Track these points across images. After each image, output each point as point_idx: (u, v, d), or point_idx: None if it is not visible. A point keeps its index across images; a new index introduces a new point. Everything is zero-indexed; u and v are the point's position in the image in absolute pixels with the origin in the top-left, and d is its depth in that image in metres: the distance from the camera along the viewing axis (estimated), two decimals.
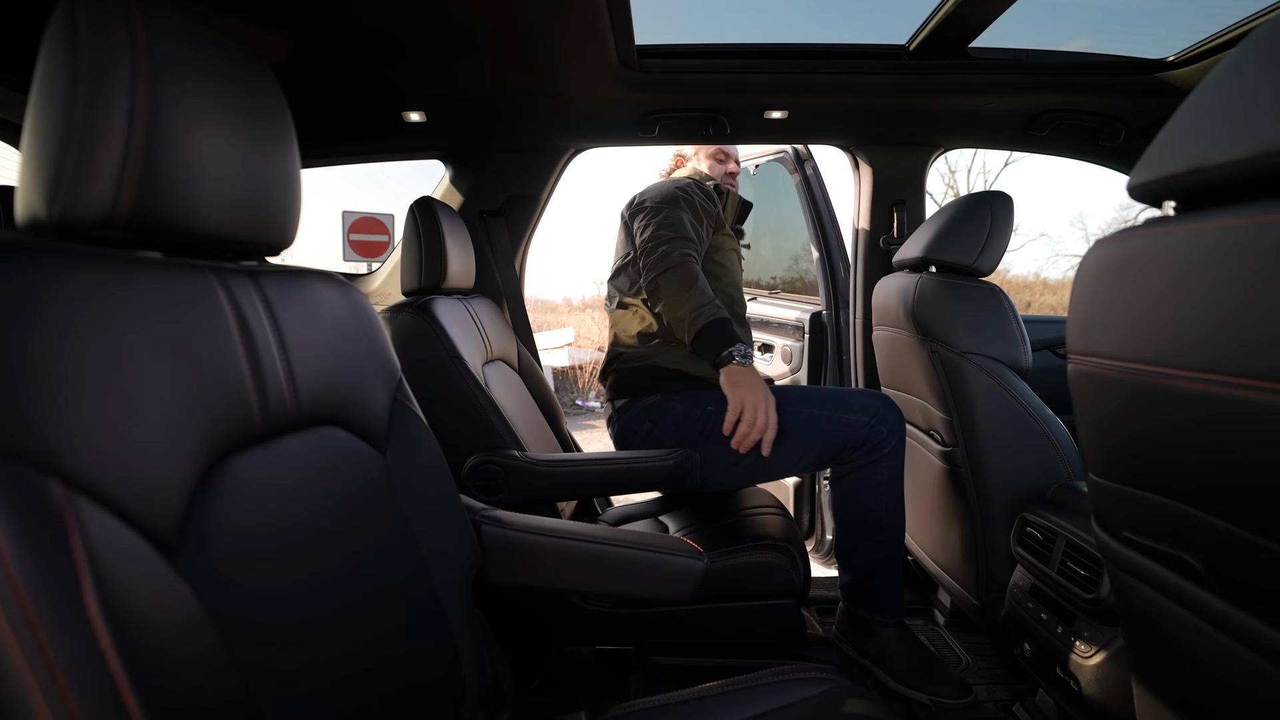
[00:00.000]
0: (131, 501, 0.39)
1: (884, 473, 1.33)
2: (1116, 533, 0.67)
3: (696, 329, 1.32)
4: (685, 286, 1.36)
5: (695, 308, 1.34)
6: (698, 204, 1.52)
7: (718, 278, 1.57)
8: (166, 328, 0.47)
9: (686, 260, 1.39)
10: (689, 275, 1.37)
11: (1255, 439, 0.44)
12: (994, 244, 1.38)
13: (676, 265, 1.37)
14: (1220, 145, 0.47)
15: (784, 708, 0.73)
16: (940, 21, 1.26)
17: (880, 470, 1.32)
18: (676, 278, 1.37)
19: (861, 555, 1.39)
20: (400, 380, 0.76)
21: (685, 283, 1.36)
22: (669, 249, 1.39)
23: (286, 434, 0.58)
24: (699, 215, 1.51)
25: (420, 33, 1.18)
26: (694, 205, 1.51)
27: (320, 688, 0.52)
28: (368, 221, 5.83)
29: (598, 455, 1.33)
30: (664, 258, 1.39)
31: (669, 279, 1.37)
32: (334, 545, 0.59)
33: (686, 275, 1.37)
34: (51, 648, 0.32)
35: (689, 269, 1.38)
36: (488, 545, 0.85)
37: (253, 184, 0.57)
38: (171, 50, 0.49)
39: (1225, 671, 0.55)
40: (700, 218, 1.51)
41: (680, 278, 1.37)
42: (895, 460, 1.32)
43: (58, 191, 0.45)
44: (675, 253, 1.39)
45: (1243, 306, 0.44)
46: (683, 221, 1.46)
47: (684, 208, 1.49)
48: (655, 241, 1.42)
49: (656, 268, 1.39)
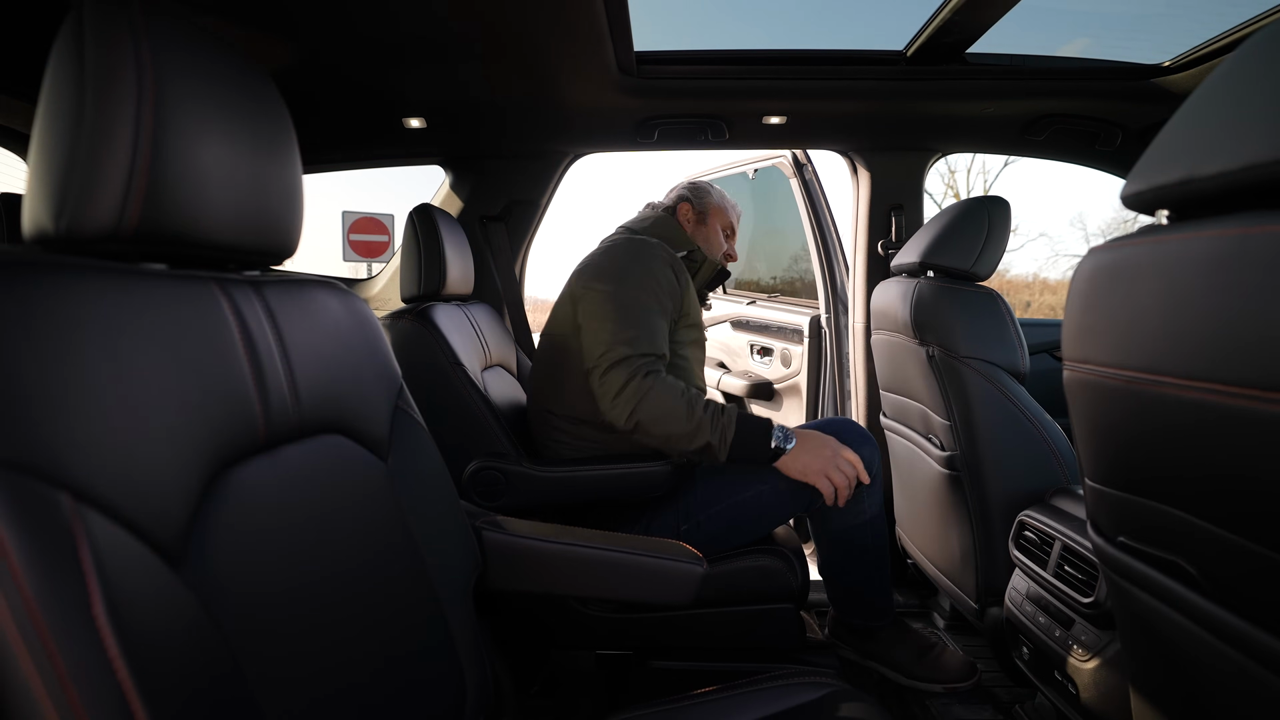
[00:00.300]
0: (138, 512, 0.40)
1: (868, 503, 1.32)
2: (1112, 538, 0.67)
3: (730, 446, 1.18)
4: (678, 411, 1.16)
5: (707, 428, 1.17)
6: (665, 293, 1.28)
7: (683, 372, 1.34)
8: (171, 339, 0.47)
9: (656, 376, 1.18)
10: (670, 394, 1.17)
11: (1248, 447, 0.45)
12: (991, 248, 1.39)
13: (648, 392, 1.17)
14: (1212, 156, 0.48)
15: (783, 712, 0.74)
16: (937, 28, 1.27)
17: (864, 502, 1.31)
18: (659, 404, 1.16)
19: (851, 575, 1.39)
20: (401, 387, 0.77)
21: (675, 408, 1.16)
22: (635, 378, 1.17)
23: (289, 442, 0.58)
24: (664, 308, 1.28)
25: (420, 39, 1.19)
26: (661, 295, 1.27)
27: (323, 693, 0.53)
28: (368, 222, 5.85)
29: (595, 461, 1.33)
30: (634, 392, 1.16)
31: (650, 409, 1.16)
32: (337, 552, 0.60)
33: (667, 396, 1.17)
34: (61, 657, 0.33)
35: (664, 387, 1.18)
36: (488, 550, 0.86)
37: (256, 194, 0.57)
38: (175, 63, 0.50)
39: (1220, 676, 0.56)
40: (665, 313, 1.28)
41: (661, 402, 1.17)
42: (875, 487, 1.32)
43: (64, 205, 0.45)
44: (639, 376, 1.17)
45: (1234, 315, 0.44)
46: (651, 324, 1.22)
47: (651, 298, 1.24)
48: (612, 363, 1.18)
49: (628, 403, 1.17)
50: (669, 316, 1.29)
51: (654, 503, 1.29)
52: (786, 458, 1.21)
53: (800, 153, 2.20)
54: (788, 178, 2.27)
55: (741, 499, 1.25)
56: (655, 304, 1.25)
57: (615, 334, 1.20)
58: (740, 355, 2.73)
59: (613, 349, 1.19)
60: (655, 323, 1.24)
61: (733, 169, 2.79)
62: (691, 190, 1.54)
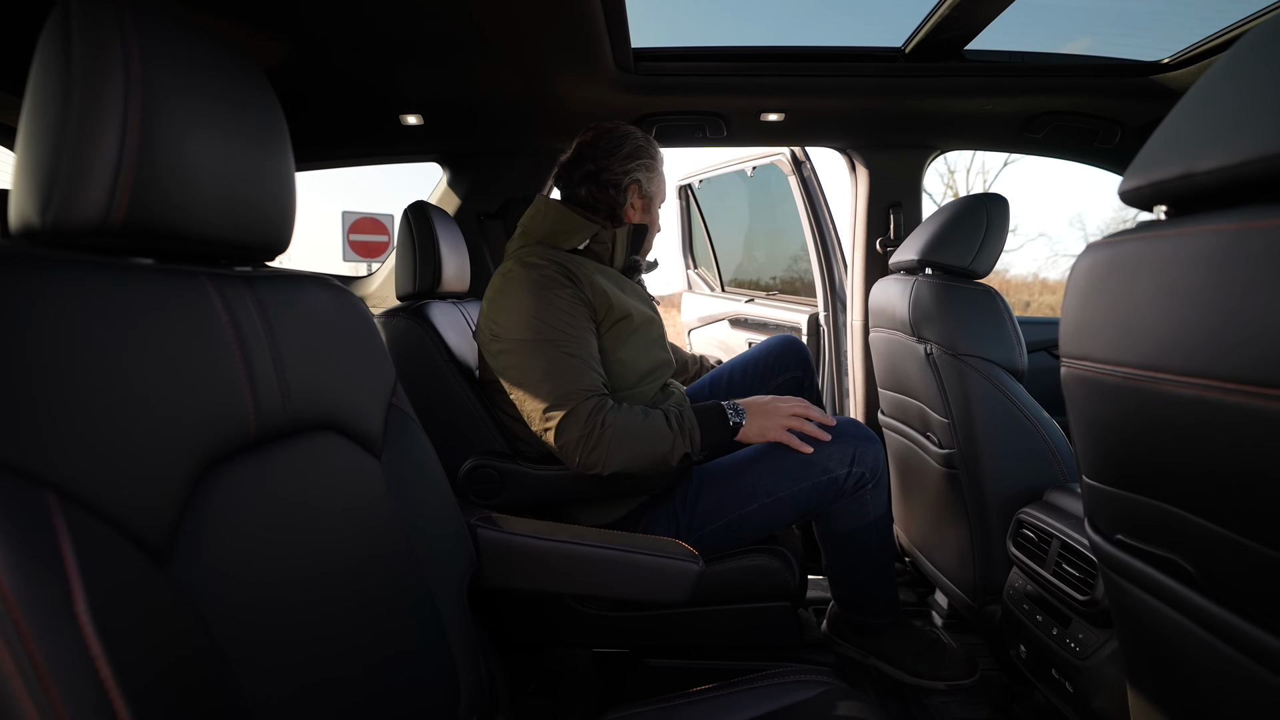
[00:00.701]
0: (123, 510, 0.39)
1: (872, 504, 1.28)
2: (1109, 535, 0.67)
3: (698, 444, 1.17)
4: (649, 438, 1.13)
5: (681, 438, 1.15)
6: (570, 315, 1.17)
7: (618, 378, 1.24)
8: (160, 334, 0.47)
9: (609, 415, 1.12)
10: (632, 426, 1.12)
11: (1245, 443, 0.45)
12: (990, 246, 1.39)
13: (608, 436, 1.11)
14: (1210, 150, 0.47)
15: (780, 710, 0.74)
16: (936, 24, 1.27)
17: (867, 504, 1.28)
18: (628, 443, 1.11)
19: (856, 576, 1.37)
20: (395, 384, 0.76)
21: (644, 438, 1.12)
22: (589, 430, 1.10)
23: (281, 439, 0.58)
24: (577, 330, 1.17)
25: (418, 36, 1.18)
26: (569, 320, 1.16)
27: (314, 693, 0.52)
28: (367, 222, 5.84)
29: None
30: (594, 443, 1.10)
31: (621, 450, 1.11)
32: (328, 550, 0.59)
33: (631, 430, 1.12)
34: (42, 656, 0.32)
35: (624, 422, 1.12)
36: (483, 549, 0.85)
37: (247, 189, 0.57)
38: (164, 57, 0.49)
39: (1217, 674, 0.55)
40: (581, 334, 1.17)
41: (630, 439, 1.11)
42: (880, 489, 1.28)
43: (51, 199, 0.45)
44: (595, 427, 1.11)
45: (1232, 311, 0.44)
46: (572, 362, 1.14)
47: (558, 333, 1.14)
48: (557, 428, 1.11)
49: (597, 455, 1.11)
50: (588, 334, 1.20)
51: (651, 518, 1.27)
52: (745, 429, 1.21)
53: (798, 150, 2.19)
54: (786, 175, 2.27)
55: (745, 513, 1.23)
56: (568, 332, 1.15)
57: (545, 389, 1.13)
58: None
59: (551, 409, 1.12)
60: (578, 355, 1.15)
61: (730, 166, 2.79)
62: (643, 167, 1.33)
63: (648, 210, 1.38)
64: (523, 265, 1.20)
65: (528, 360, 1.15)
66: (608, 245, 1.32)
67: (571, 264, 1.21)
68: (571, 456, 1.13)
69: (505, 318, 1.18)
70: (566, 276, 1.19)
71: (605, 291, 1.23)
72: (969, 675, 1.37)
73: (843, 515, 1.29)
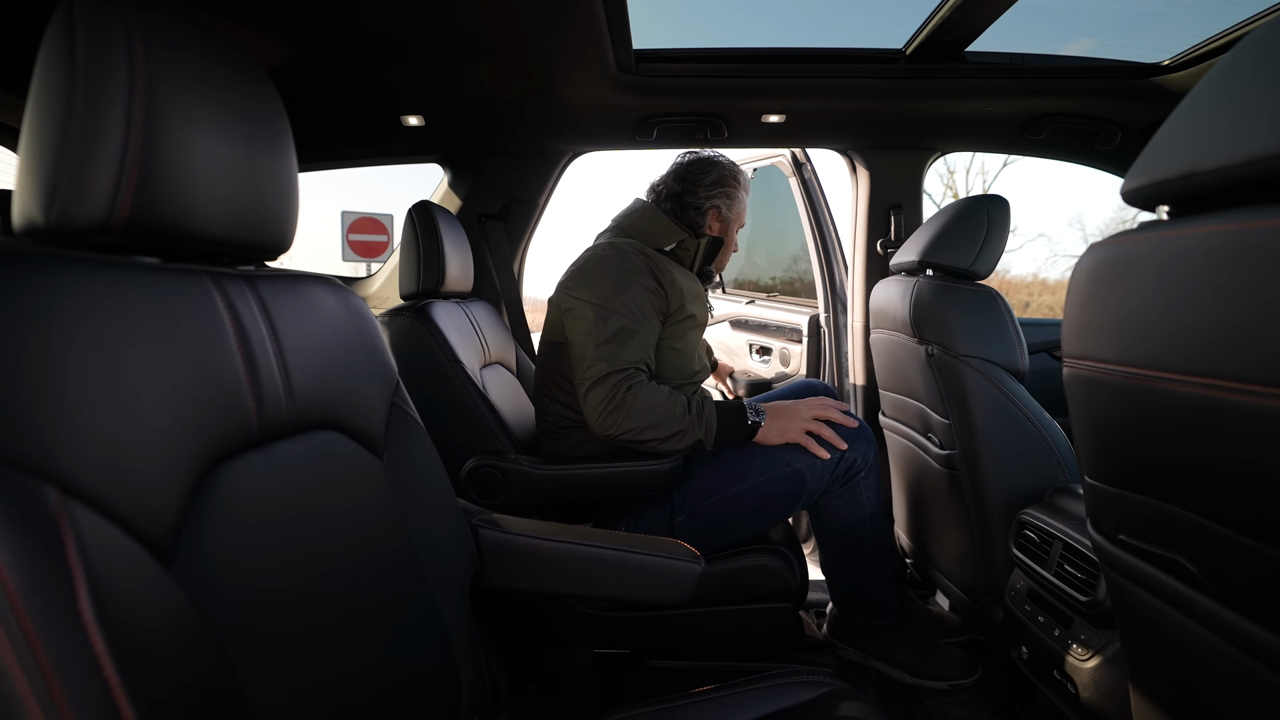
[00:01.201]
0: (127, 506, 0.39)
1: (865, 494, 1.30)
2: (1112, 535, 0.67)
3: (715, 434, 1.21)
4: (664, 417, 1.19)
5: (695, 425, 1.20)
6: (644, 299, 1.28)
7: (672, 366, 1.35)
8: (163, 333, 0.47)
9: (637, 388, 1.19)
10: (652, 403, 1.19)
11: (1248, 442, 0.45)
12: (990, 247, 1.39)
13: (630, 405, 1.18)
14: (1212, 150, 0.47)
15: (781, 711, 0.73)
16: (936, 26, 1.27)
17: (861, 493, 1.30)
18: (643, 415, 1.18)
19: (852, 572, 1.38)
20: (398, 384, 0.77)
21: (659, 415, 1.19)
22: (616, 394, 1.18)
23: (283, 438, 0.58)
24: (644, 315, 1.27)
25: (419, 37, 1.18)
26: (641, 303, 1.27)
27: (315, 692, 0.52)
28: (367, 222, 5.84)
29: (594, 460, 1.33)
30: (616, 407, 1.18)
31: (636, 420, 1.18)
32: (330, 549, 0.59)
33: (650, 406, 1.19)
34: (45, 653, 0.32)
35: (646, 397, 1.19)
36: (485, 549, 0.85)
37: (250, 189, 0.57)
38: (168, 57, 0.49)
39: (1220, 675, 0.55)
40: (647, 319, 1.28)
41: (646, 413, 1.18)
42: (872, 480, 1.31)
43: (54, 198, 0.45)
44: (621, 391, 1.19)
45: (1235, 311, 0.44)
46: (630, 335, 1.23)
47: (629, 308, 1.25)
48: (593, 382, 1.20)
49: (613, 418, 1.19)
50: (652, 320, 1.29)
51: (646, 497, 1.29)
52: (764, 430, 1.25)
53: (799, 151, 2.20)
54: (787, 177, 2.27)
55: (737, 492, 1.25)
56: (634, 313, 1.26)
57: (595, 351, 1.22)
58: (739, 354, 2.72)
59: (593, 366, 1.21)
60: (635, 333, 1.25)
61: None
62: (724, 195, 1.45)
63: (725, 232, 1.49)
64: (614, 248, 1.33)
65: (592, 325, 1.24)
66: (691, 251, 1.42)
67: (656, 260, 1.33)
68: (593, 414, 1.20)
69: (586, 283, 1.29)
70: (648, 269, 1.30)
71: (681, 289, 1.35)
72: (970, 675, 1.37)
73: (837, 507, 1.31)
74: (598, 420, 1.20)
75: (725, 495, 1.26)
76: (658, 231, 1.40)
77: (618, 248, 1.32)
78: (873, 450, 1.30)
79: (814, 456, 1.24)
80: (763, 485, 1.25)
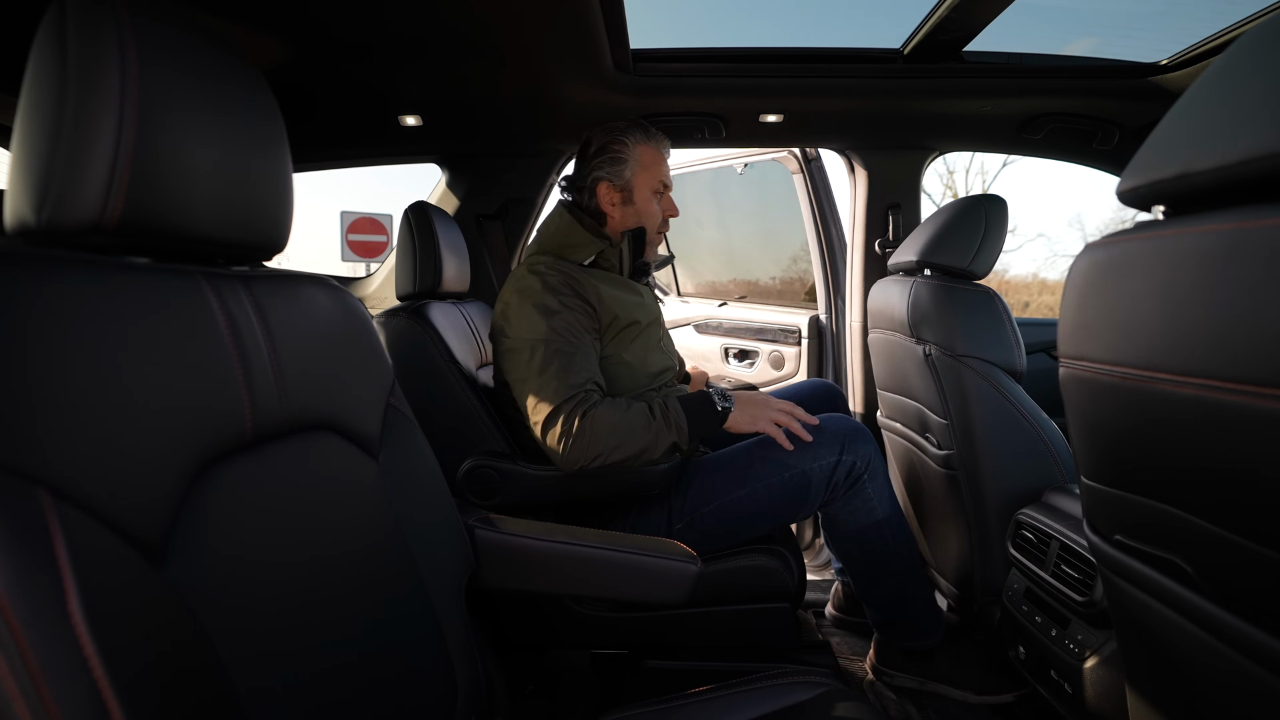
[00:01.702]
0: (118, 509, 0.39)
1: (876, 500, 1.26)
2: (1108, 536, 0.67)
3: (688, 431, 1.18)
4: (630, 431, 1.13)
5: (664, 429, 1.15)
6: (571, 320, 1.20)
7: (626, 380, 1.28)
8: (156, 333, 0.47)
9: (591, 411, 1.13)
10: (612, 420, 1.13)
11: (1244, 443, 0.45)
12: (988, 247, 1.39)
13: (589, 431, 1.12)
14: (1208, 150, 0.47)
15: (777, 712, 0.73)
16: (934, 26, 1.27)
17: (871, 499, 1.26)
18: (607, 436, 1.12)
19: (885, 588, 1.32)
20: (393, 384, 0.76)
21: (625, 431, 1.13)
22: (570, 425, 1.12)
23: (277, 439, 0.57)
24: (575, 336, 1.19)
25: (416, 37, 1.18)
26: (569, 325, 1.20)
27: (309, 692, 0.52)
28: (366, 222, 5.85)
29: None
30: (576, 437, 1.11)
31: (602, 444, 1.12)
32: (325, 551, 0.59)
33: (611, 424, 1.12)
34: (33, 654, 0.32)
35: (604, 416, 1.13)
36: (481, 549, 0.85)
37: (243, 189, 0.57)
38: (160, 57, 0.49)
39: (1216, 675, 0.55)
40: (580, 338, 1.20)
41: (610, 433, 1.12)
42: (880, 482, 1.26)
43: (46, 198, 0.45)
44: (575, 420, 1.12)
45: (1230, 311, 0.44)
46: (566, 361, 1.16)
47: (557, 334, 1.17)
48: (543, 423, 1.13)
49: (578, 451, 1.12)
50: (586, 338, 1.22)
51: (644, 500, 1.27)
52: (734, 416, 1.22)
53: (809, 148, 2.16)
54: (791, 173, 2.23)
55: (737, 497, 1.23)
56: (567, 336, 1.19)
57: (538, 386, 1.15)
58: (711, 359, 2.61)
59: (539, 404, 1.15)
60: (574, 355, 1.18)
61: (720, 162, 2.68)
62: (608, 161, 1.32)
63: (629, 202, 1.35)
64: (534, 274, 1.24)
65: (529, 360, 1.18)
66: (613, 260, 1.34)
67: (577, 276, 1.24)
68: (556, 452, 1.14)
69: (512, 319, 1.23)
70: (569, 288, 1.22)
71: (611, 302, 1.26)
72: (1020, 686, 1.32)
73: (847, 514, 1.26)
74: (563, 456, 1.13)
75: (726, 500, 1.23)
76: (571, 243, 1.32)
77: (537, 272, 1.24)
78: (873, 450, 1.26)
79: (814, 460, 1.21)
80: (761, 492, 1.22)
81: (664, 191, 1.39)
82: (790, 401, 1.26)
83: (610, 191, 1.34)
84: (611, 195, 1.35)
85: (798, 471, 1.22)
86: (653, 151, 1.36)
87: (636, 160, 1.34)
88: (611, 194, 1.34)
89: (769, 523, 1.25)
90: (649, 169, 1.35)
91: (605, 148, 1.34)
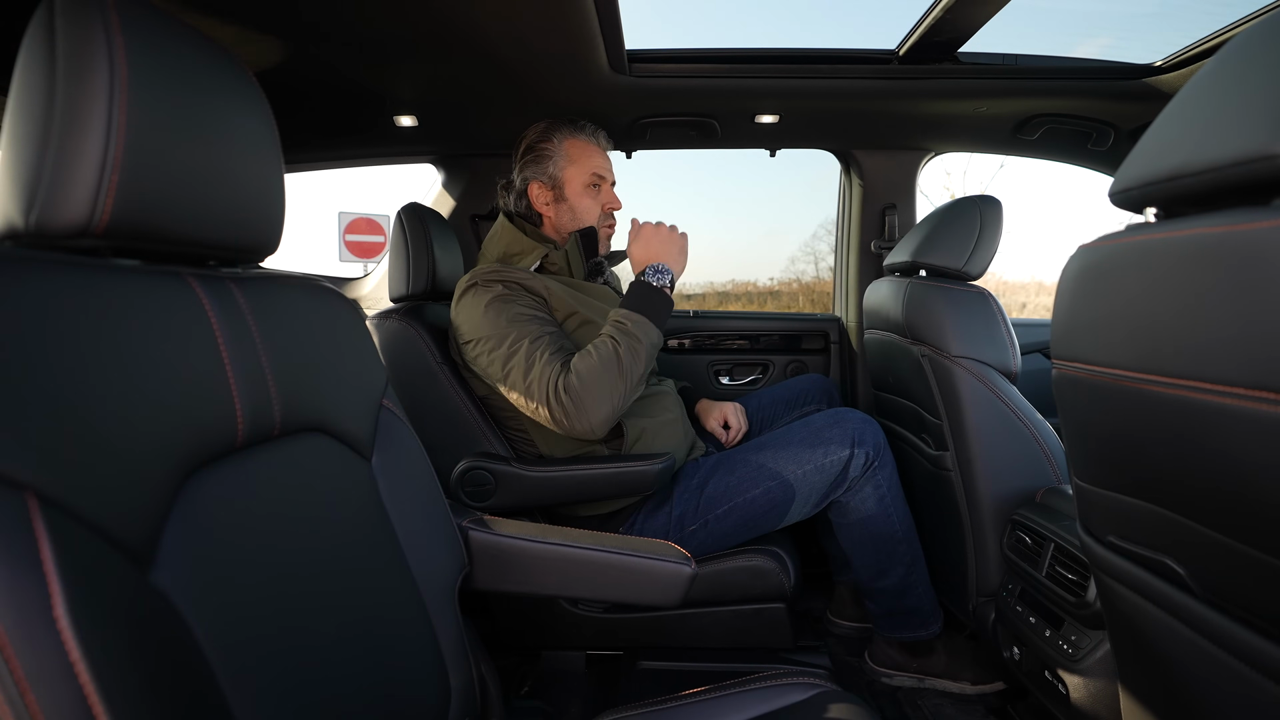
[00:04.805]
0: (105, 514, 0.39)
1: (884, 483, 1.29)
2: (1101, 537, 0.67)
3: (652, 324, 1.15)
4: (610, 366, 1.11)
5: (639, 343, 1.14)
6: (529, 318, 1.19)
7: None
8: (145, 336, 0.46)
9: (566, 372, 1.12)
10: (591, 367, 1.11)
11: (1234, 445, 0.45)
12: (983, 248, 1.39)
13: (579, 389, 1.10)
14: (1198, 152, 0.47)
15: (772, 713, 0.73)
16: (929, 27, 1.27)
17: (881, 486, 1.28)
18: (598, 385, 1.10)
19: (891, 576, 1.33)
20: (386, 386, 0.76)
21: (607, 369, 1.11)
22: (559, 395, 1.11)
23: (269, 441, 0.57)
24: (539, 326, 1.19)
25: (411, 38, 1.18)
26: (531, 318, 1.19)
27: (300, 696, 0.52)
28: (364, 222, 5.83)
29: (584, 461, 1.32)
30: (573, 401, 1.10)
31: (599, 394, 1.10)
32: (316, 553, 0.59)
33: (593, 372, 1.11)
34: (18, 660, 0.32)
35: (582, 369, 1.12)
36: (475, 551, 0.85)
37: (234, 191, 0.57)
38: (150, 57, 0.49)
39: (1207, 675, 0.55)
40: (543, 327, 1.19)
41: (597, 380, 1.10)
42: (888, 469, 1.30)
43: (35, 200, 0.45)
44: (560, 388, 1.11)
45: (1219, 313, 0.44)
46: (535, 347, 1.15)
47: (519, 329, 1.16)
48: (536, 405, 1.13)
49: (582, 413, 1.11)
50: (542, 316, 1.21)
51: (651, 502, 1.27)
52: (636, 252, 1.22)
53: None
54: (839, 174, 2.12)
55: (750, 496, 1.23)
56: (527, 323, 1.18)
57: (519, 378, 1.14)
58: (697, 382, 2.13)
59: (523, 395, 1.15)
60: (541, 336, 1.16)
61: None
62: (534, 160, 1.30)
63: (561, 199, 1.32)
64: (481, 285, 1.22)
65: (502, 359, 1.17)
66: (560, 264, 1.31)
67: (527, 280, 1.23)
68: (567, 428, 1.13)
69: (469, 330, 1.21)
70: (519, 285, 1.22)
71: (564, 297, 1.24)
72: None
73: (857, 501, 1.28)
74: (574, 429, 1.12)
75: (739, 500, 1.24)
76: (515, 252, 1.31)
77: (484, 283, 1.22)
78: (882, 438, 1.29)
79: (826, 455, 1.23)
80: (776, 491, 1.23)
81: (600, 184, 1.36)
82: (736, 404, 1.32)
83: (542, 190, 1.32)
84: (543, 194, 1.32)
85: (811, 468, 1.23)
86: (581, 144, 1.34)
87: (564, 155, 1.32)
88: (543, 193, 1.32)
89: (784, 520, 1.26)
90: (578, 162, 1.33)
91: (532, 146, 1.32)
